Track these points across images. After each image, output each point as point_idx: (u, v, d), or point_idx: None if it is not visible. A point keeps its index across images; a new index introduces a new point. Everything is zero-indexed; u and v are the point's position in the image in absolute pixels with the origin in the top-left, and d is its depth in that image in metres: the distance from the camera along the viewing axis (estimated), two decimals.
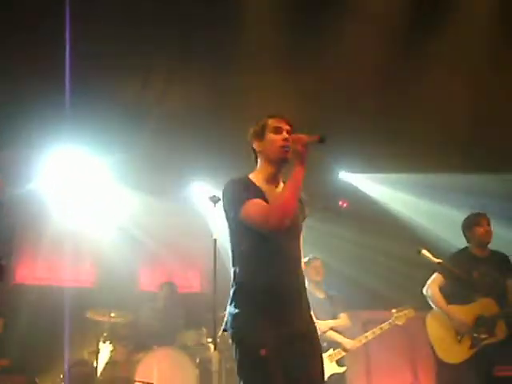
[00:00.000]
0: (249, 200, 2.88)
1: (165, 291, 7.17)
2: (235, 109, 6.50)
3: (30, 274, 7.45)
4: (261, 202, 2.90)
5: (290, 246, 3.00)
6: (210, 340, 6.27)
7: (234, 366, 2.88)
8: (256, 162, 3.14)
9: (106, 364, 6.16)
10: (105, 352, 6.19)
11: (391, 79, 6.29)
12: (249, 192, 2.93)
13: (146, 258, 8.13)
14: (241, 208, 2.88)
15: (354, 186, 8.53)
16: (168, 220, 7.71)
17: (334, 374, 5.42)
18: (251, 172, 3.13)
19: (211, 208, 4.99)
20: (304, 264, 3.15)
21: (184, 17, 5.61)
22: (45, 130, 6.36)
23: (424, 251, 4.89)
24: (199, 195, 7.85)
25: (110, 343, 6.24)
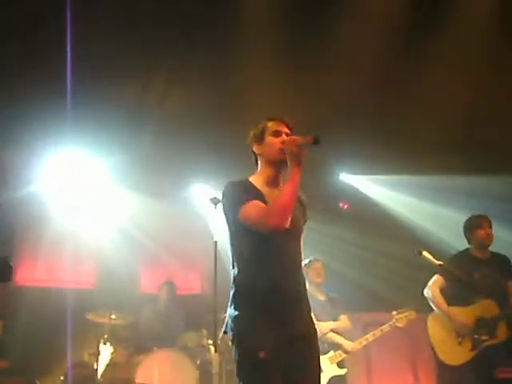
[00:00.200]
0: (248, 201, 2.89)
1: (165, 291, 7.17)
2: (235, 110, 6.50)
3: (30, 275, 7.44)
4: (259, 203, 2.90)
5: (290, 247, 3.00)
6: (210, 342, 6.26)
7: (234, 368, 2.88)
8: (256, 165, 3.15)
9: (107, 366, 6.15)
10: (105, 354, 6.19)
11: (391, 80, 6.28)
12: (248, 194, 2.94)
13: (147, 260, 8.13)
14: (240, 209, 2.89)
15: (355, 188, 8.53)
16: (168, 222, 7.70)
17: (335, 376, 5.40)
18: (251, 174, 3.13)
19: (212, 210, 4.99)
20: (305, 266, 3.16)
21: (184, 17, 5.60)
22: (45, 131, 6.36)
23: (425, 253, 4.89)
24: (200, 197, 7.84)
25: (111, 345, 6.24)
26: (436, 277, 5.05)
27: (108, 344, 6.22)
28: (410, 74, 6.14)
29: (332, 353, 5.46)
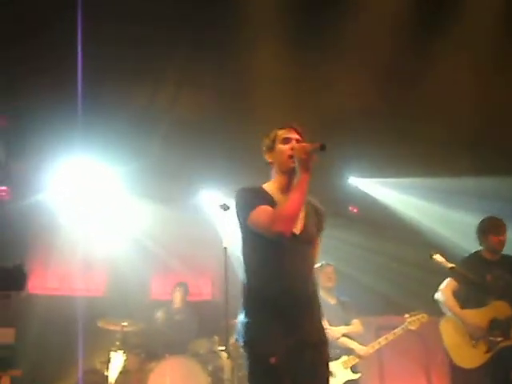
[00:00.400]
0: (258, 206, 2.94)
1: (178, 292, 7.10)
2: (245, 116, 6.51)
3: (42, 284, 7.46)
4: (268, 208, 2.94)
5: (301, 254, 3.00)
6: (222, 348, 6.24)
7: (246, 374, 2.90)
8: (271, 174, 3.20)
9: (119, 373, 6.14)
10: (117, 361, 6.18)
11: (401, 82, 6.26)
12: (259, 199, 2.98)
13: (157, 267, 8.13)
14: (249, 214, 2.94)
15: (364, 191, 8.50)
16: (179, 228, 7.71)
17: (349, 380, 5.37)
18: (261, 180, 3.18)
19: (221, 216, 4.98)
20: (316, 270, 3.15)
21: (196, 21, 5.60)
22: (56, 140, 6.38)
23: (436, 256, 4.87)
24: (209, 203, 7.85)
25: (123, 352, 6.23)
26: (448, 280, 5.01)
27: (120, 351, 6.22)
28: (418, 75, 6.12)
29: (345, 357, 5.42)
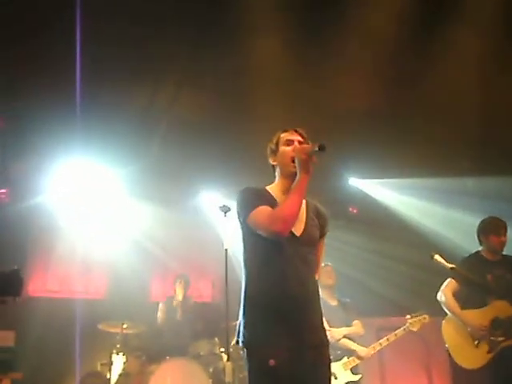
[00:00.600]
0: (258, 207, 2.95)
1: (180, 283, 6.95)
2: (245, 118, 6.50)
3: (42, 286, 7.45)
4: (268, 208, 2.94)
5: (301, 256, 2.99)
6: (222, 350, 6.23)
7: (247, 377, 2.90)
8: (274, 176, 3.22)
9: (119, 376, 6.14)
10: (118, 364, 6.17)
11: (401, 82, 6.25)
12: (262, 200, 2.99)
13: (157, 269, 8.12)
14: (249, 214, 2.95)
15: (364, 192, 8.49)
16: (178, 230, 7.71)
17: (349, 382, 5.37)
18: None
19: (222, 218, 4.97)
20: None
21: (195, 22, 5.58)
22: (55, 141, 6.38)
23: (437, 256, 4.85)
24: (209, 205, 7.84)
25: (123, 355, 6.22)
26: (448, 280, 5.00)
27: (120, 354, 6.21)
28: (419, 75, 6.11)
29: (346, 359, 5.41)
